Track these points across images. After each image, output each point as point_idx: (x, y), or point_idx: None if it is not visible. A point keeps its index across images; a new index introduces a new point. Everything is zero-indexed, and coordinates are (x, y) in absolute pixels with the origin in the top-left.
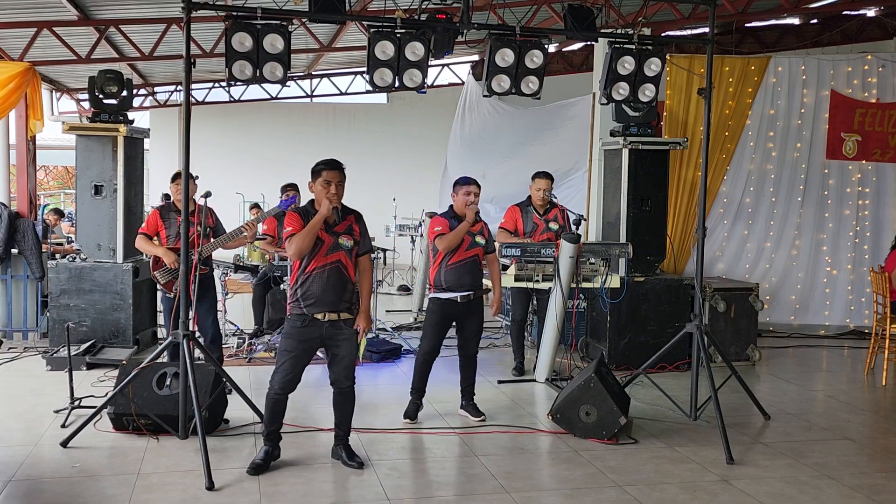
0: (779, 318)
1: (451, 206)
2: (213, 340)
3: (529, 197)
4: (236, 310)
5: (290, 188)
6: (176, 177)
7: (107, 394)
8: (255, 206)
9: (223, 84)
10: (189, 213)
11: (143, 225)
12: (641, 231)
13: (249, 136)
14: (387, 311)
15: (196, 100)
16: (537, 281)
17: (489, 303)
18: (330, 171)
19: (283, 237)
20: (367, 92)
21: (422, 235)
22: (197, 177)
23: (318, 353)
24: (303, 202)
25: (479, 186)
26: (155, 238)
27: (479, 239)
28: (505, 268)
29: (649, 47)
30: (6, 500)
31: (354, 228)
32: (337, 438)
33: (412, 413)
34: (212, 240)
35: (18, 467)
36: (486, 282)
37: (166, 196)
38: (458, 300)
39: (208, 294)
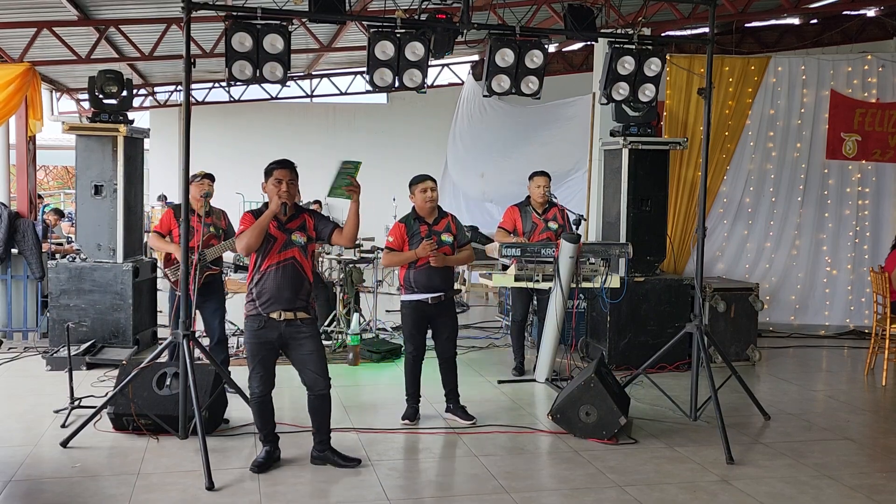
0: (779, 318)
1: (413, 208)
2: (219, 342)
3: (528, 197)
4: (237, 309)
5: None
6: (194, 177)
7: (107, 394)
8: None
9: (223, 84)
10: (203, 214)
11: (157, 224)
12: (641, 231)
13: (249, 136)
14: (387, 311)
15: (196, 100)
16: (537, 281)
17: (464, 300)
18: (280, 169)
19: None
20: (367, 92)
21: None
22: (212, 178)
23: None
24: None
25: (434, 180)
26: (167, 237)
27: (446, 237)
28: (505, 268)
29: (649, 47)
30: (6, 500)
31: (308, 223)
32: (321, 445)
33: (411, 415)
34: (224, 241)
35: (18, 467)
36: (486, 281)
37: (162, 197)
38: (430, 301)
39: (216, 295)
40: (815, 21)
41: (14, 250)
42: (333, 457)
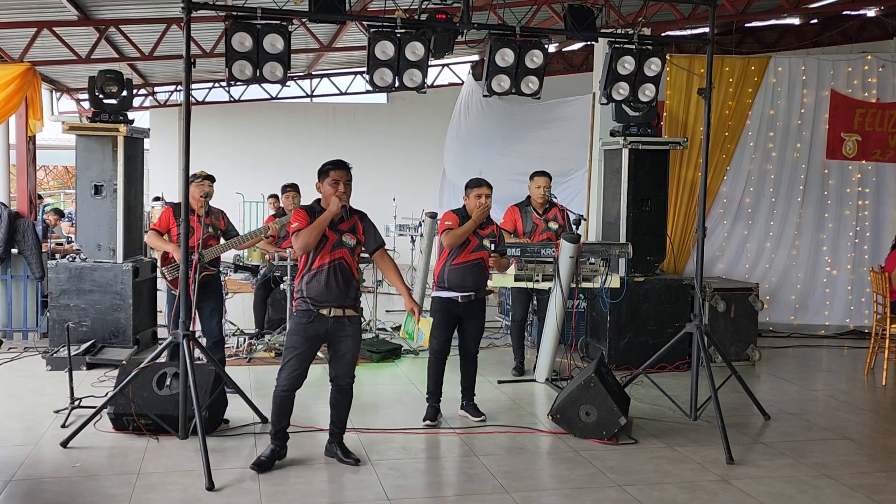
0: (779, 318)
1: (464, 206)
2: (217, 343)
3: (529, 197)
4: (236, 310)
5: (290, 189)
6: (195, 177)
7: (107, 394)
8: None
9: (223, 84)
10: (203, 214)
11: (155, 221)
12: (641, 231)
13: (249, 136)
14: (387, 311)
15: (196, 100)
16: (537, 281)
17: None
18: (338, 170)
19: (290, 233)
20: (367, 92)
21: (422, 235)
22: (213, 179)
23: (318, 353)
24: (303, 201)
25: (490, 188)
26: (165, 235)
27: (487, 242)
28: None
29: (649, 47)
30: (6, 500)
31: (358, 227)
32: (332, 436)
33: (432, 415)
34: (222, 241)
35: (18, 467)
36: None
37: (157, 198)
38: (459, 300)
39: (214, 295)
40: (815, 21)
41: (14, 250)
42: (338, 451)
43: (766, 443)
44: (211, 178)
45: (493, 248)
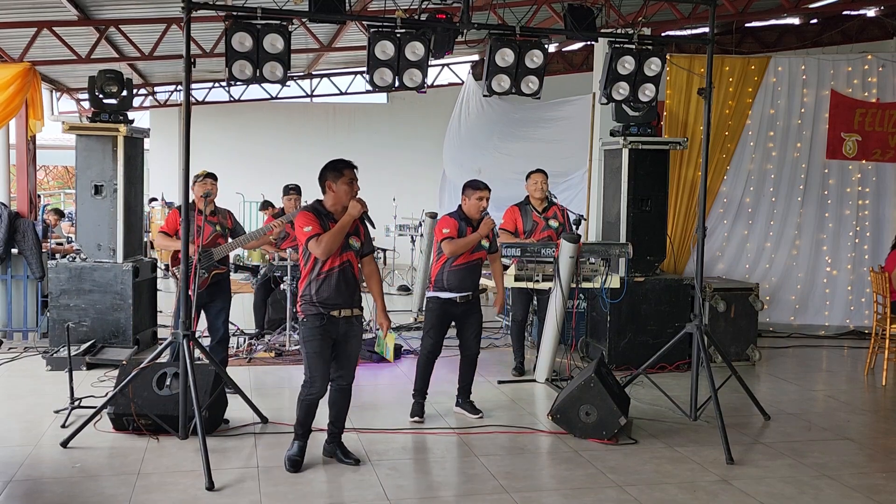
0: (779, 318)
1: (460, 207)
2: (221, 341)
3: (527, 196)
4: (236, 310)
5: (294, 191)
6: (197, 177)
7: (107, 394)
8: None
9: (223, 84)
10: (208, 213)
11: (163, 224)
12: (641, 231)
13: (249, 136)
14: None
15: (196, 100)
16: (537, 281)
17: (490, 302)
18: (352, 169)
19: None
20: (367, 92)
21: (422, 235)
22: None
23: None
24: (303, 201)
25: (489, 190)
26: (174, 237)
27: (485, 242)
28: (505, 268)
29: (649, 47)
30: (6, 501)
31: (360, 230)
32: (331, 436)
33: (418, 412)
34: (230, 240)
35: (18, 467)
36: (485, 281)
37: (154, 199)
38: (458, 300)
39: (223, 294)
40: (815, 21)
41: (14, 250)
42: (338, 451)
43: (766, 443)
44: (212, 177)
45: (487, 245)
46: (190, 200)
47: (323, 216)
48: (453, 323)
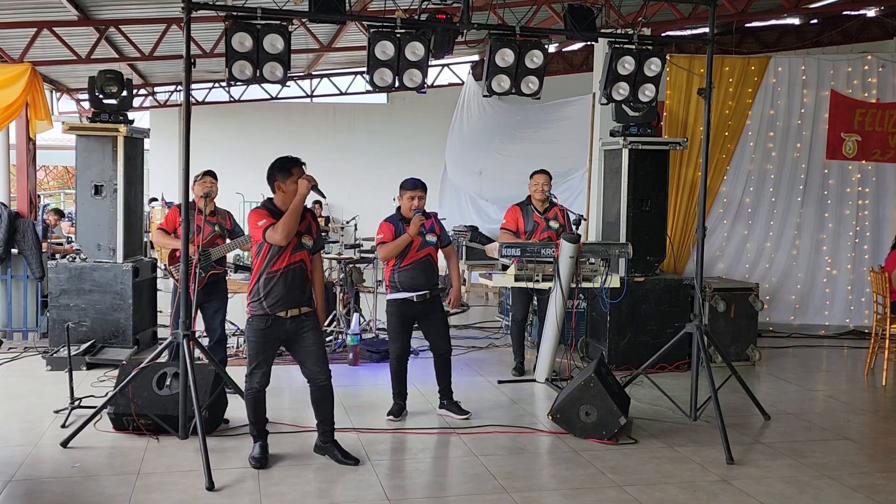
0: (779, 318)
1: (399, 209)
2: (219, 342)
3: (529, 196)
4: (236, 309)
5: None
6: (196, 177)
7: (107, 394)
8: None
9: (223, 84)
10: (207, 212)
11: (162, 221)
12: (641, 231)
13: (249, 136)
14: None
15: (196, 100)
16: (537, 281)
17: (445, 300)
18: (300, 167)
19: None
20: (367, 92)
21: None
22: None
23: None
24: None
25: (425, 190)
26: (172, 234)
27: (430, 238)
28: (505, 268)
29: (649, 47)
30: (6, 500)
31: (312, 227)
32: (324, 436)
33: (396, 411)
34: (227, 241)
35: (18, 467)
36: (485, 281)
37: (153, 199)
38: (414, 299)
39: (219, 294)
40: (815, 21)
41: (14, 250)
42: (334, 450)
43: (766, 443)
44: (212, 175)
45: (435, 240)
46: (190, 200)
47: (274, 213)
48: (417, 325)
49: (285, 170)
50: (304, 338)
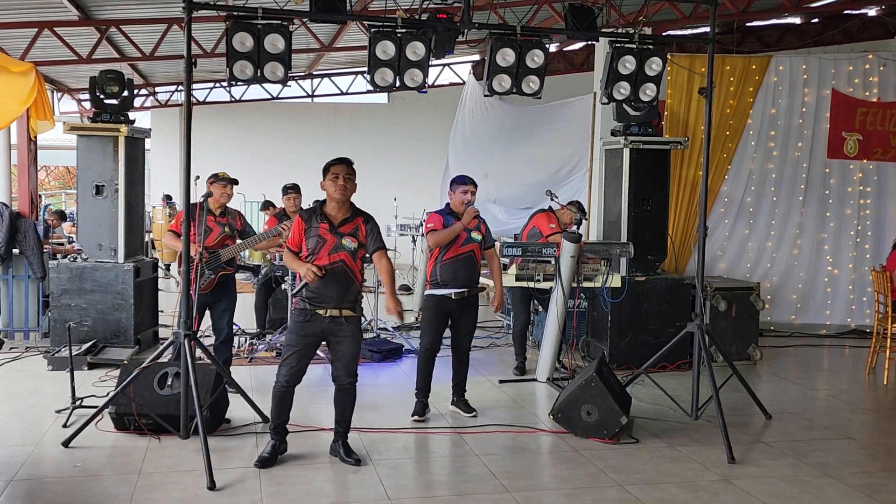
0: (780, 318)
1: (448, 204)
2: (225, 341)
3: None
4: (238, 309)
5: (292, 190)
6: (215, 176)
7: (108, 394)
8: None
9: (224, 84)
10: (217, 214)
11: (173, 223)
12: (642, 230)
13: (250, 136)
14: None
15: (197, 100)
16: (538, 280)
17: (489, 301)
18: (339, 165)
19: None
20: (368, 92)
21: (423, 235)
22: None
23: (318, 352)
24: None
25: (475, 185)
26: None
27: (475, 235)
28: (505, 267)
29: (650, 47)
30: (7, 500)
31: (361, 230)
32: (336, 434)
33: (420, 411)
34: (238, 241)
35: (20, 467)
36: (486, 280)
37: (167, 197)
38: (453, 297)
39: (227, 294)
40: (816, 20)
41: (15, 250)
42: (341, 450)
43: (767, 442)
44: (234, 182)
45: (480, 240)
46: (195, 200)
47: (311, 216)
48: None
49: (325, 169)
50: (340, 342)
